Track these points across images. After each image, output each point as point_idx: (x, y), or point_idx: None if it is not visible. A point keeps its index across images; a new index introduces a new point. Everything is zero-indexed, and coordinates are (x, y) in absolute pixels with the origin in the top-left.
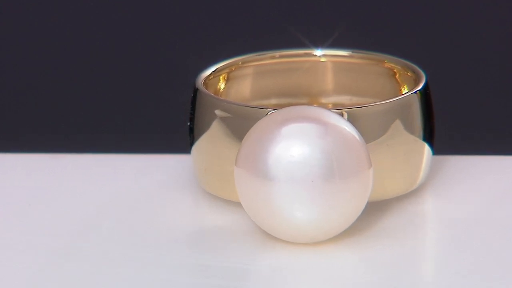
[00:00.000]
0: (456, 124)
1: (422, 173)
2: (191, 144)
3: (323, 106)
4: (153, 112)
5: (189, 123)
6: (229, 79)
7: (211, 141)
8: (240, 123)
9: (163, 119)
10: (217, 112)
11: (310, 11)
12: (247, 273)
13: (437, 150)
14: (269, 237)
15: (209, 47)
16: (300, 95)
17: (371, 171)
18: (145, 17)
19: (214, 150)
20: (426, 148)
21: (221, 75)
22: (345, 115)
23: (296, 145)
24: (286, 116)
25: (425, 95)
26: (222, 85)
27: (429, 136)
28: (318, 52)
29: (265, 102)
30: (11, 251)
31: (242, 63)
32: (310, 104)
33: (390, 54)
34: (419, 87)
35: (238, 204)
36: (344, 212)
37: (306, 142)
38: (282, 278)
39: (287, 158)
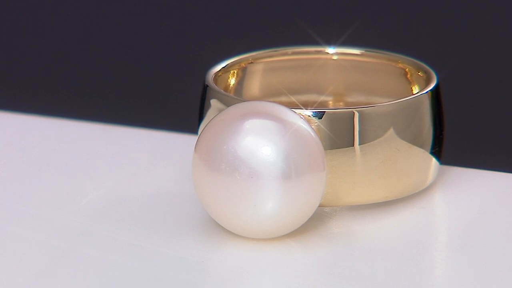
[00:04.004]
0: (464, 127)
1: (425, 180)
2: (198, 130)
3: (334, 104)
4: (174, 99)
5: (198, 114)
6: (240, 75)
7: None
8: None
9: (178, 108)
10: (217, 104)
11: (323, 9)
12: (198, 267)
13: (443, 156)
14: (222, 230)
15: (224, 43)
16: (311, 93)
17: (325, 174)
18: (166, 13)
19: None
20: (432, 156)
21: (231, 71)
22: (356, 114)
23: (252, 141)
24: (245, 110)
25: (436, 96)
26: (232, 80)
27: (438, 137)
28: (330, 50)
29: (275, 99)
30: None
31: (253, 59)
32: (321, 102)
33: (402, 53)
34: (430, 87)
35: None
36: (297, 210)
37: (263, 138)
38: (234, 273)
39: (241, 152)
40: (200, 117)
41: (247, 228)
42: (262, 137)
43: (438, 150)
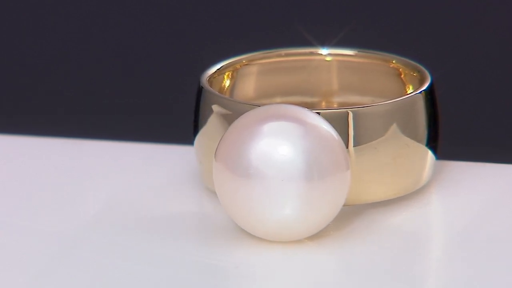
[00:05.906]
0: (461, 127)
1: (424, 176)
2: (194, 138)
3: (329, 105)
4: (166, 105)
5: (194, 118)
6: (235, 77)
7: (211, 136)
8: None
9: (174, 111)
10: (214, 107)
11: (316, 9)
12: (219, 270)
13: (440, 152)
14: (245, 233)
15: (217, 44)
16: (305, 94)
17: (349, 173)
18: (158, 14)
19: (213, 145)
20: (430, 150)
21: (226, 72)
22: (350, 114)
23: (275, 144)
24: (266, 114)
25: (430, 96)
26: (227, 82)
27: (433, 137)
28: (323, 51)
29: (270, 100)
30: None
31: (248, 61)
32: (315, 103)
33: (395, 53)
34: (424, 87)
35: None
36: (321, 212)
37: (286, 141)
38: (256, 275)
39: (265, 156)
40: (196, 119)
41: (274, 231)
42: (283, 139)
43: (435, 146)
